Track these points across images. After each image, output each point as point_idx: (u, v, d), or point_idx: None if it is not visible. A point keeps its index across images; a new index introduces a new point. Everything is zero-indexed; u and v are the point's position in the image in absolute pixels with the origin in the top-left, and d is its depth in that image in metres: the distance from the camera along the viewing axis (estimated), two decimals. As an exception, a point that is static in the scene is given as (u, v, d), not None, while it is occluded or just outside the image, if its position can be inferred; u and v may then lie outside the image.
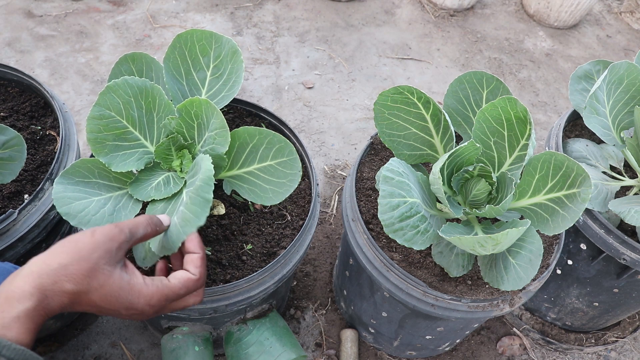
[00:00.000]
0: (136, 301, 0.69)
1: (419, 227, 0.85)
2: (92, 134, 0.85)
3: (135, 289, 0.69)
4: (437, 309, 1.01)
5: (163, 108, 0.89)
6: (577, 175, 0.83)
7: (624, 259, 1.12)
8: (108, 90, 0.84)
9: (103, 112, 0.85)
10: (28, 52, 2.21)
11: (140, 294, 0.70)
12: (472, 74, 1.00)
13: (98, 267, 0.67)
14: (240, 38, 2.42)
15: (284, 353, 1.08)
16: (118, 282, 0.68)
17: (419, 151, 1.00)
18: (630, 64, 1.08)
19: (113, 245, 0.69)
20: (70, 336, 1.45)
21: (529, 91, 2.41)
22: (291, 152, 0.86)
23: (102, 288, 0.67)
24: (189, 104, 0.85)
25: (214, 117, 0.83)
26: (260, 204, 0.91)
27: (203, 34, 0.95)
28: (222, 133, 0.83)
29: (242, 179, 0.91)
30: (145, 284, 0.71)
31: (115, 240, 0.70)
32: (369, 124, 2.14)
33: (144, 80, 0.86)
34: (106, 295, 0.67)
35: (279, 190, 0.88)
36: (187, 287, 0.75)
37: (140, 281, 0.71)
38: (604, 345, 1.60)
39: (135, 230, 0.73)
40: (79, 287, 0.65)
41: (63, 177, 0.85)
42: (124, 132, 0.88)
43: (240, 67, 0.95)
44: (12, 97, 1.24)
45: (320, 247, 1.73)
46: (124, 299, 0.68)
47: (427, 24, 2.66)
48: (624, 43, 2.78)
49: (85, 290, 0.66)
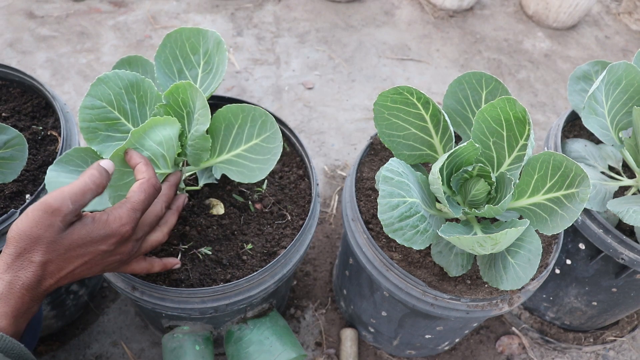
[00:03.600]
0: (110, 227, 0.71)
1: (419, 226, 0.86)
2: (84, 123, 0.87)
3: (100, 221, 0.71)
4: (436, 309, 1.02)
5: (154, 101, 0.91)
6: (575, 175, 0.83)
7: (623, 259, 1.13)
8: (99, 81, 0.86)
9: (94, 102, 0.86)
10: (29, 53, 2.22)
11: (107, 221, 0.71)
12: (471, 74, 1.01)
13: (54, 240, 0.67)
14: (240, 39, 2.43)
15: (284, 352, 1.09)
16: (78, 233, 0.69)
17: (418, 151, 1.01)
18: (628, 64, 1.09)
19: (56, 220, 0.67)
20: (72, 335, 1.46)
21: (527, 92, 2.42)
22: (272, 124, 0.90)
23: (70, 248, 0.69)
24: (174, 90, 0.87)
25: (198, 99, 0.85)
26: (247, 182, 0.93)
27: (191, 31, 0.98)
28: (204, 112, 0.85)
29: (231, 162, 0.94)
30: (105, 212, 0.72)
31: (58, 214, 0.68)
32: (368, 124, 2.15)
33: (134, 74, 0.88)
34: (77, 248, 0.69)
35: (264, 167, 0.92)
36: (144, 190, 0.75)
37: (98, 216, 0.72)
38: (602, 344, 1.61)
39: (80, 197, 0.70)
40: (47, 257, 0.67)
41: (57, 164, 0.87)
42: (116, 122, 0.90)
43: (224, 55, 0.98)
44: (14, 97, 1.24)
45: (320, 246, 1.73)
46: (95, 235, 0.70)
47: (426, 25, 2.67)
48: (622, 44, 2.79)
49: (54, 258, 0.67)
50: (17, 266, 0.66)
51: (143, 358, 1.45)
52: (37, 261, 0.66)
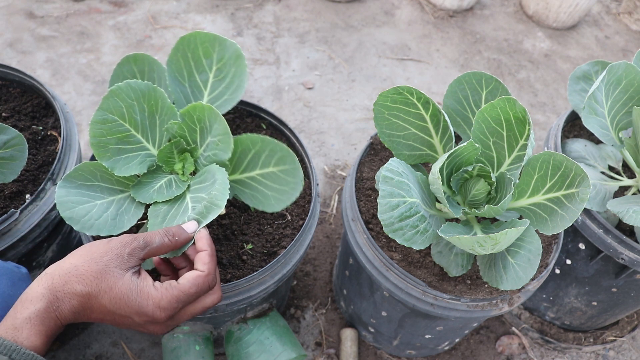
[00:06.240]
0: (145, 304, 0.69)
1: (419, 226, 0.86)
2: (95, 139, 0.85)
3: (144, 292, 0.69)
4: (436, 309, 1.02)
5: (166, 111, 0.89)
6: (575, 175, 0.83)
7: (623, 259, 1.13)
8: (112, 94, 0.83)
9: (106, 116, 0.84)
10: (29, 53, 2.22)
11: (149, 297, 0.69)
12: (471, 74, 1.01)
13: (108, 269, 0.67)
14: (240, 39, 2.43)
15: (284, 352, 1.09)
16: (127, 285, 0.68)
17: (418, 151, 1.01)
18: (628, 64, 1.09)
19: (125, 250, 0.70)
20: (72, 335, 1.46)
21: (527, 92, 2.42)
22: (293, 160, 0.84)
23: (111, 290, 0.67)
24: (192, 109, 0.85)
25: (217, 122, 0.83)
26: (261, 209, 0.90)
27: (207, 36, 0.95)
28: (225, 139, 0.82)
29: (244, 184, 0.91)
30: (154, 287, 0.71)
31: (128, 246, 0.70)
32: (368, 124, 2.15)
33: (147, 84, 0.86)
34: (115, 298, 0.67)
35: (281, 197, 0.87)
36: (197, 285, 0.73)
37: (149, 284, 0.70)
38: (602, 344, 1.61)
39: (150, 240, 0.73)
40: (88, 289, 0.66)
41: (66, 180, 0.84)
42: (127, 135, 0.87)
43: (244, 71, 0.95)
44: (14, 97, 1.24)
45: (320, 246, 1.73)
46: (133, 302, 0.68)
47: (426, 25, 2.67)
48: (622, 44, 2.79)
49: (94, 293, 0.66)
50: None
51: (143, 358, 1.45)
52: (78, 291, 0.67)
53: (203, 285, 0.74)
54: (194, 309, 0.76)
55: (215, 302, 0.78)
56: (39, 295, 0.63)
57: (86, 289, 0.66)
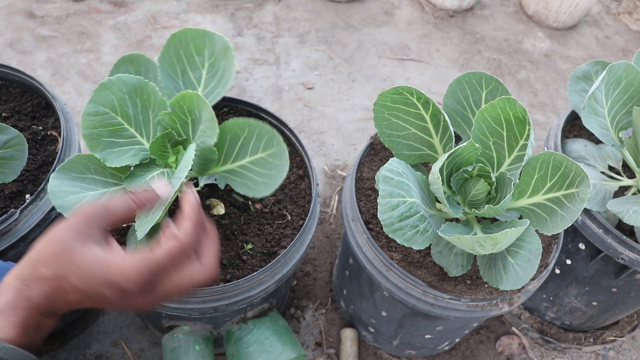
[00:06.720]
0: (112, 275, 0.62)
1: (419, 226, 0.86)
2: (87, 130, 0.86)
3: (109, 262, 0.62)
4: (436, 309, 1.02)
5: (158, 105, 0.90)
6: (575, 175, 0.83)
7: (623, 259, 1.13)
8: (102, 87, 0.85)
9: (97, 108, 0.85)
10: (29, 53, 2.22)
11: (117, 267, 0.62)
12: (471, 74, 1.01)
13: (70, 247, 0.62)
14: (240, 39, 2.43)
15: (284, 352, 1.09)
16: (92, 259, 0.62)
17: (418, 151, 1.01)
18: (628, 64, 1.09)
19: (84, 223, 0.64)
20: (72, 335, 1.46)
21: (527, 92, 2.42)
22: (279, 142, 0.86)
23: (78, 269, 0.62)
24: (180, 99, 0.86)
25: (204, 110, 0.84)
26: (252, 196, 0.91)
27: (197, 32, 0.96)
28: (211, 125, 0.83)
29: (235, 173, 0.92)
30: (122, 257, 0.63)
31: (87, 217, 0.65)
32: (368, 124, 2.15)
33: (138, 78, 0.87)
34: (84, 276, 0.62)
35: (269, 182, 0.89)
36: (170, 254, 0.63)
37: (116, 254, 0.63)
38: (602, 344, 1.61)
39: (110, 206, 0.67)
40: (55, 271, 0.62)
41: (59, 172, 0.86)
42: (119, 128, 0.88)
43: (232, 62, 0.97)
44: (14, 97, 1.24)
45: (320, 246, 1.73)
46: (100, 276, 0.62)
47: (426, 25, 2.67)
48: (622, 44, 2.79)
49: (62, 274, 0.62)
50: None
51: (143, 358, 1.45)
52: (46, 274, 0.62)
53: (178, 254, 0.65)
54: (178, 283, 0.66)
55: (204, 277, 0.67)
56: (8, 285, 0.60)
57: (53, 272, 0.61)
